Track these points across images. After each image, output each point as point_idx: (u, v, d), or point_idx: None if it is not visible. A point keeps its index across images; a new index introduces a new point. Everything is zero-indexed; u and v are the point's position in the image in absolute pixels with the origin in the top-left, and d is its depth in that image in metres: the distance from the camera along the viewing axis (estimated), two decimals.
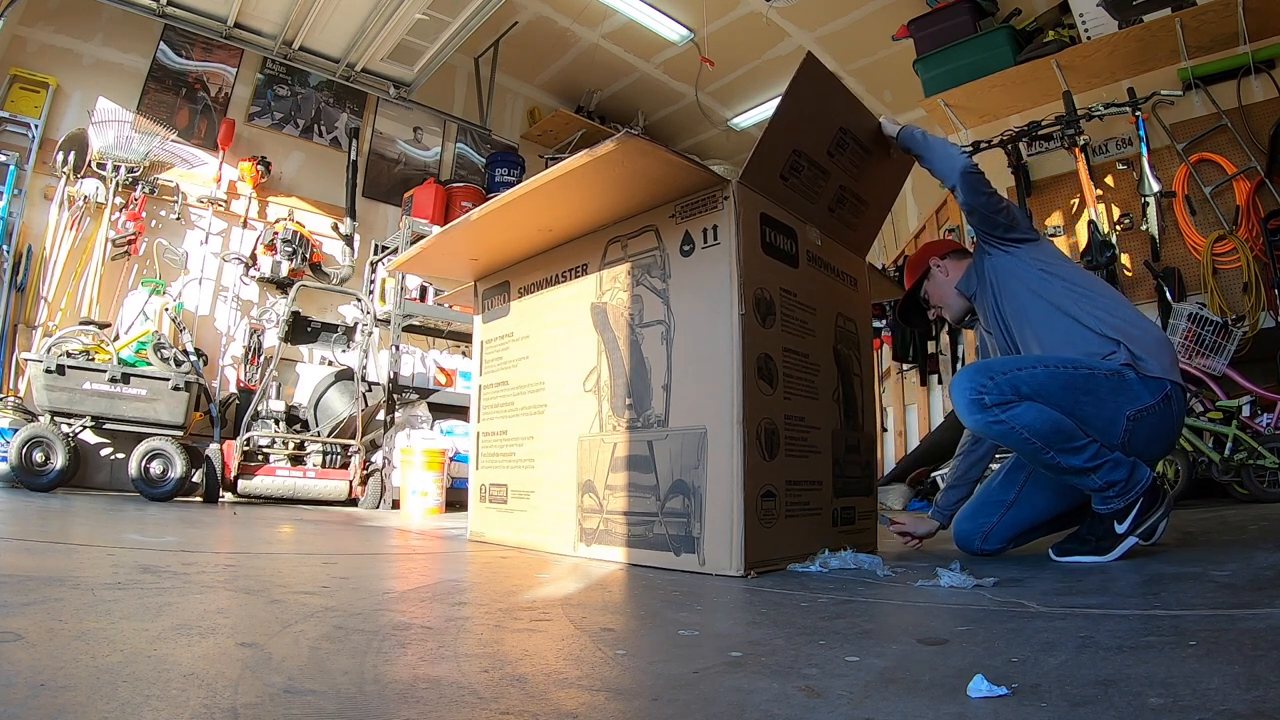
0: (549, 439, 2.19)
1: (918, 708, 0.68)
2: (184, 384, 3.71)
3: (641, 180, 1.76)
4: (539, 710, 0.67)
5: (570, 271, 2.18)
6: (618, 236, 2.02)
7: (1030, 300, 1.88)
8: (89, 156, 4.26)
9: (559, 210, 1.99)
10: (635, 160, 1.65)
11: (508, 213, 1.99)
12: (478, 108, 6.18)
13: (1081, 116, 4.17)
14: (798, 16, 5.44)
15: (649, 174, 1.73)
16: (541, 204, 1.93)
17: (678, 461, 1.75)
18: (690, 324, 1.79)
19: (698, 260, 1.80)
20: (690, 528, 1.69)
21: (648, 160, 1.66)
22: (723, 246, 1.74)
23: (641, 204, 1.91)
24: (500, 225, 2.12)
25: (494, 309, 2.54)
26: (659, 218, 1.90)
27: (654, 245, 1.92)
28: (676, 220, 1.86)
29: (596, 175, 1.71)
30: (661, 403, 1.83)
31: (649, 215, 1.93)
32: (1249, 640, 0.89)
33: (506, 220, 2.07)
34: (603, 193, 1.85)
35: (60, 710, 0.59)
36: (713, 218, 1.77)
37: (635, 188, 1.81)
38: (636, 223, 1.96)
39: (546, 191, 1.81)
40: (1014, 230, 1.93)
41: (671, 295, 1.85)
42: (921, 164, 2.00)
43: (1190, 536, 2.12)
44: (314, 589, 1.32)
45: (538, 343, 2.30)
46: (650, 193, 1.84)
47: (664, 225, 1.89)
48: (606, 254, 2.05)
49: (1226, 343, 3.45)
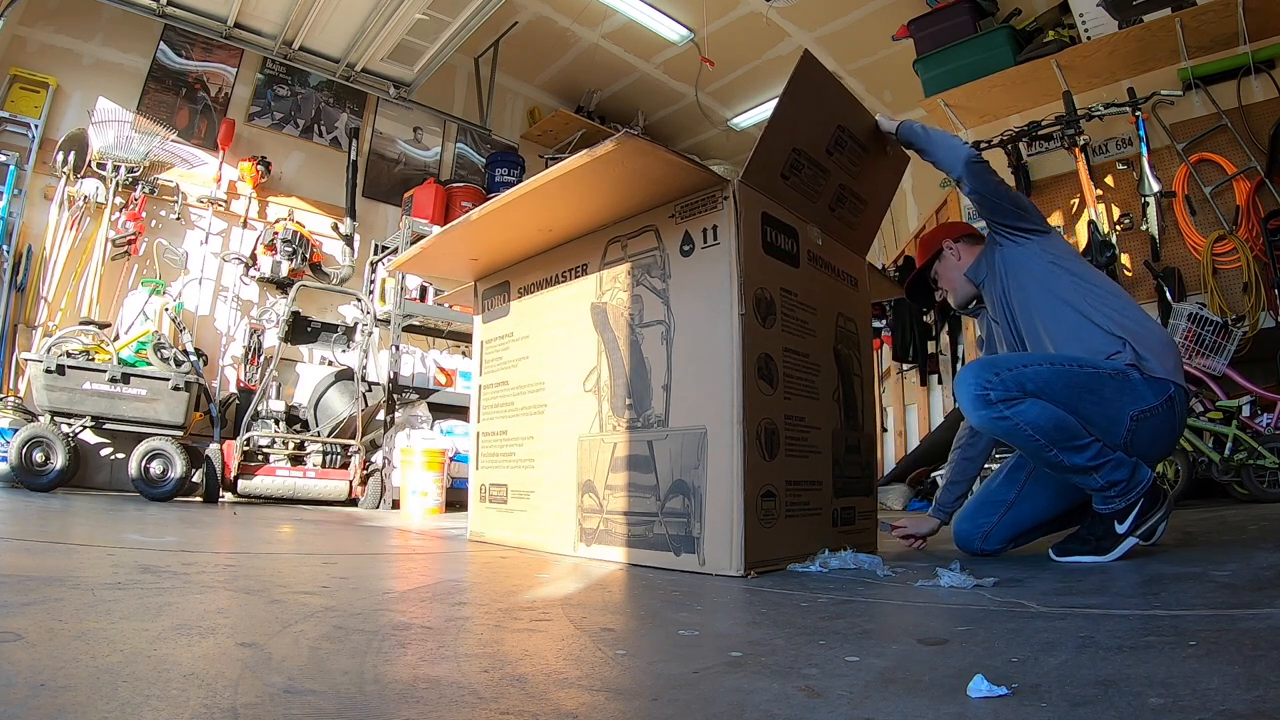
0: (549, 439, 2.18)
1: (918, 708, 0.68)
2: (184, 384, 3.71)
3: (641, 180, 1.76)
4: (539, 710, 0.67)
5: (570, 271, 2.18)
6: (618, 236, 2.02)
7: (1038, 293, 1.88)
8: (89, 156, 4.26)
9: (559, 210, 1.99)
10: (634, 160, 1.65)
11: (508, 213, 1.99)
12: (478, 108, 6.18)
13: (1081, 116, 4.17)
14: (798, 16, 5.44)
15: (648, 174, 1.73)
16: (541, 204, 1.92)
17: (678, 461, 1.75)
18: (690, 324, 1.79)
19: (698, 260, 1.79)
20: (690, 528, 1.69)
21: (647, 160, 1.66)
22: (723, 246, 1.74)
23: (641, 204, 1.91)
24: (500, 225, 2.12)
25: (494, 309, 2.53)
26: (659, 218, 1.90)
27: (654, 245, 1.91)
28: (676, 220, 1.85)
29: (596, 175, 1.71)
30: (661, 403, 1.82)
31: (649, 215, 1.93)
32: (1249, 640, 0.89)
33: (507, 220, 2.07)
34: (603, 193, 1.85)
35: (60, 710, 0.59)
36: (713, 217, 1.77)
37: (635, 188, 1.81)
38: (636, 223, 1.96)
39: (546, 191, 1.81)
40: (1024, 220, 1.92)
41: (671, 295, 1.85)
42: (924, 157, 1.99)
43: (1190, 536, 2.12)
44: (314, 589, 1.32)
45: (538, 343, 2.30)
46: (650, 193, 1.84)
47: (664, 225, 1.88)
48: (606, 254, 2.05)
49: (1226, 343, 3.45)
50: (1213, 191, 4.09)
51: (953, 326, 5.02)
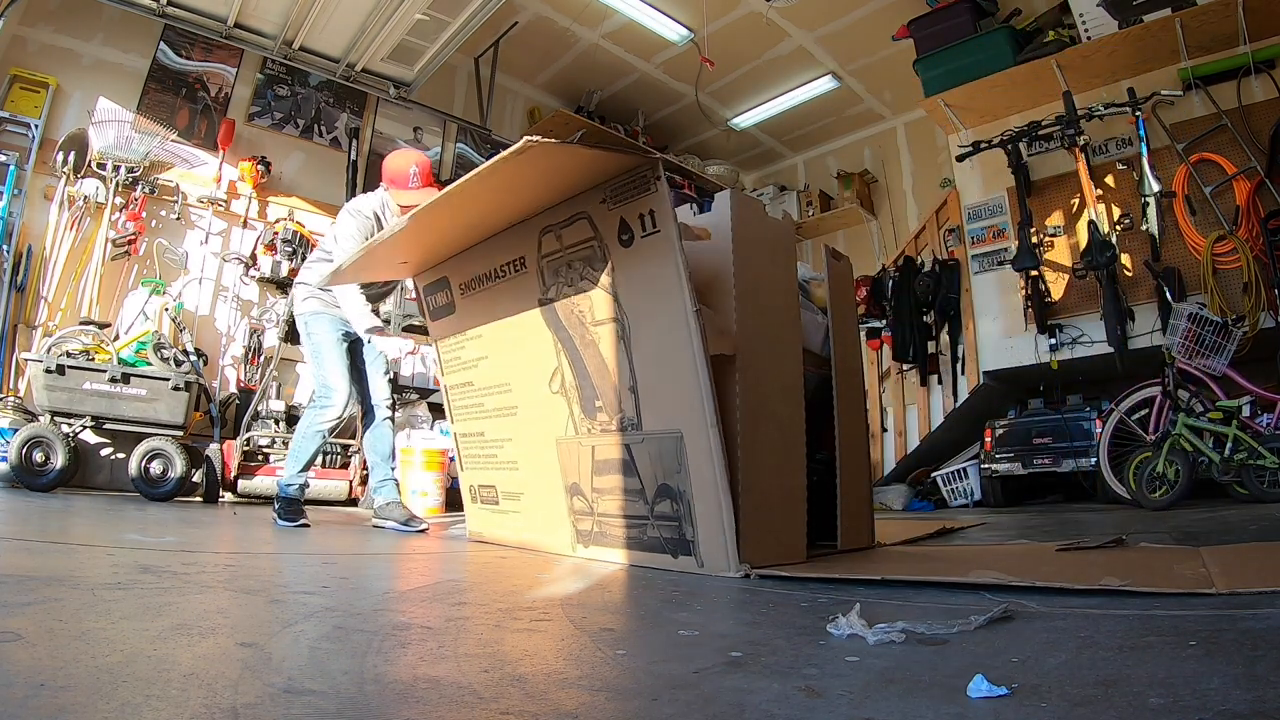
0: (526, 441, 2.10)
1: (918, 708, 0.68)
2: (184, 384, 3.71)
3: (561, 172, 1.66)
4: (539, 710, 0.67)
5: (509, 266, 2.05)
6: (549, 226, 1.88)
7: None
8: (89, 156, 4.25)
9: (483, 207, 1.88)
10: (547, 160, 1.57)
11: (429, 220, 1.86)
12: (478, 108, 6.17)
13: (1081, 116, 4.17)
14: (798, 16, 5.44)
15: (565, 167, 1.64)
16: (462, 205, 1.82)
17: (659, 465, 1.69)
18: (645, 322, 1.69)
19: (639, 251, 1.67)
20: (683, 531, 1.67)
21: (559, 158, 1.57)
22: (664, 235, 1.62)
23: (567, 190, 1.78)
24: (423, 231, 1.99)
25: (439, 306, 2.39)
26: (589, 204, 1.76)
27: (590, 235, 1.78)
28: (609, 206, 1.71)
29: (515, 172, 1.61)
30: (631, 405, 1.74)
31: (579, 201, 1.78)
32: (1249, 640, 0.89)
33: (429, 226, 1.94)
34: (525, 185, 1.74)
35: (60, 710, 0.59)
36: (648, 201, 1.63)
37: (557, 179, 1.70)
38: (567, 209, 1.82)
39: (467, 193, 1.70)
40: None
41: (620, 291, 1.73)
42: None
43: (1190, 537, 2.12)
44: (314, 589, 1.32)
45: (493, 343, 2.19)
46: (574, 181, 1.73)
47: (596, 212, 1.74)
48: (542, 246, 1.92)
49: (1226, 343, 3.45)
50: (1213, 191, 4.09)
51: (953, 326, 5.02)
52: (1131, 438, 3.73)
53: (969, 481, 4.78)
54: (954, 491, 4.84)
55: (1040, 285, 4.53)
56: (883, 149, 6.79)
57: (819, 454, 2.05)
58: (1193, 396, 3.44)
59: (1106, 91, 4.42)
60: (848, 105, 6.51)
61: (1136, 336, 4.18)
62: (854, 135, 6.93)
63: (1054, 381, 4.64)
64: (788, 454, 1.83)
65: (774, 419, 1.79)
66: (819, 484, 2.00)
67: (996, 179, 4.92)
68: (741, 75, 6.18)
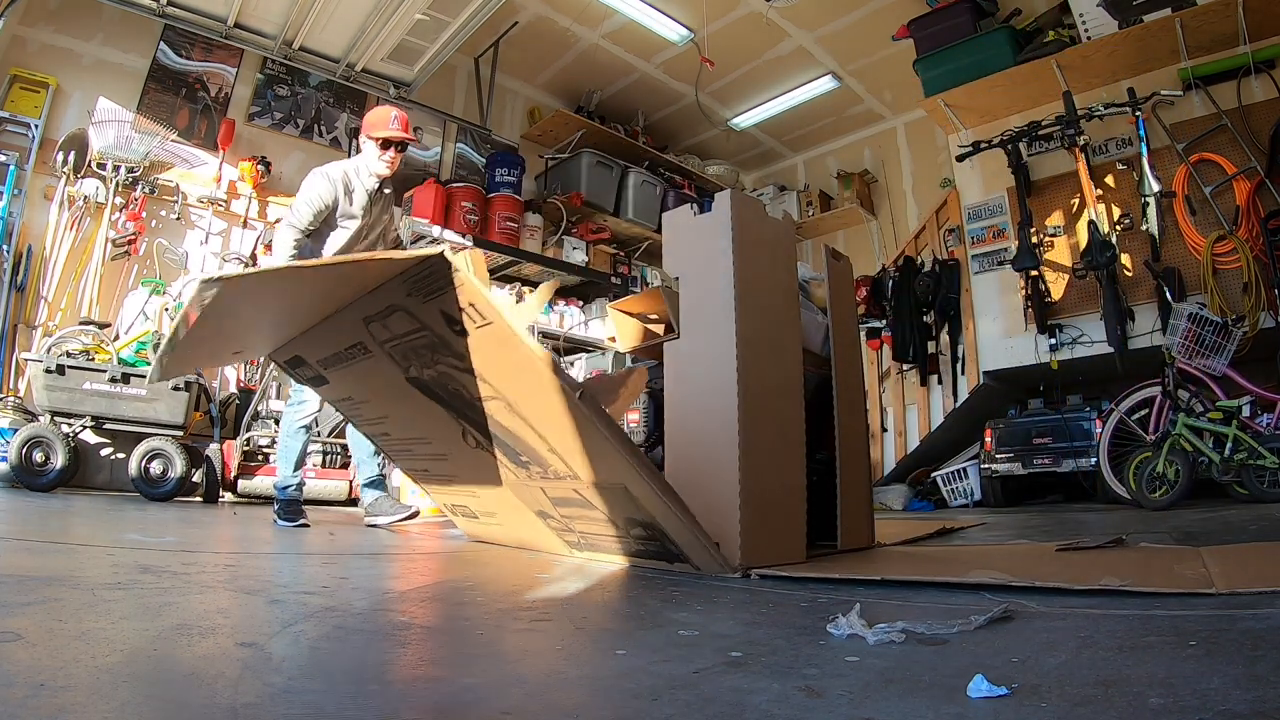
0: (472, 478, 1.96)
1: (918, 708, 0.68)
2: (184, 384, 3.71)
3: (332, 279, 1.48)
4: (539, 710, 0.67)
5: (352, 350, 1.80)
6: (370, 316, 1.63)
7: None
8: (89, 156, 4.25)
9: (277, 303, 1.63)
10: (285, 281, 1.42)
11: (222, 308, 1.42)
12: (478, 108, 6.17)
13: (1081, 116, 4.17)
14: (798, 16, 5.44)
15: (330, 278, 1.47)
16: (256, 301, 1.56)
17: (617, 507, 1.62)
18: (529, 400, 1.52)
19: (484, 340, 1.47)
20: (666, 546, 1.65)
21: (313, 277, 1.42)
22: (498, 325, 1.42)
23: (359, 289, 1.56)
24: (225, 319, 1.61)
25: (308, 379, 2.14)
26: (396, 296, 1.51)
27: (417, 327, 1.56)
28: (421, 299, 1.48)
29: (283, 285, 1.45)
30: (559, 462, 1.61)
31: (385, 293, 1.53)
32: (1249, 640, 0.89)
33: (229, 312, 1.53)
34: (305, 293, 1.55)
35: (60, 710, 0.59)
36: (463, 294, 1.40)
37: (333, 284, 1.51)
38: (379, 300, 1.57)
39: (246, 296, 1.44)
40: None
41: (487, 375, 1.54)
42: None
43: (1190, 537, 2.12)
44: (314, 589, 1.32)
45: (385, 407, 1.97)
46: (357, 284, 1.52)
47: (410, 305, 1.52)
48: (374, 334, 1.68)
49: (1226, 343, 3.45)
50: (1213, 191, 4.09)
51: (953, 326, 5.02)
52: (1131, 438, 3.73)
53: (969, 481, 4.78)
54: (954, 491, 4.84)
55: (1040, 285, 4.53)
56: (883, 149, 6.79)
57: (819, 454, 2.05)
58: (1193, 396, 3.44)
59: (1106, 91, 4.42)
60: (848, 105, 6.51)
61: (1136, 336, 4.18)
62: (854, 135, 6.93)
63: (1054, 381, 4.64)
64: (787, 454, 1.83)
65: (774, 419, 1.79)
66: (819, 484, 1.99)
67: (996, 179, 4.92)
68: (741, 75, 6.18)
